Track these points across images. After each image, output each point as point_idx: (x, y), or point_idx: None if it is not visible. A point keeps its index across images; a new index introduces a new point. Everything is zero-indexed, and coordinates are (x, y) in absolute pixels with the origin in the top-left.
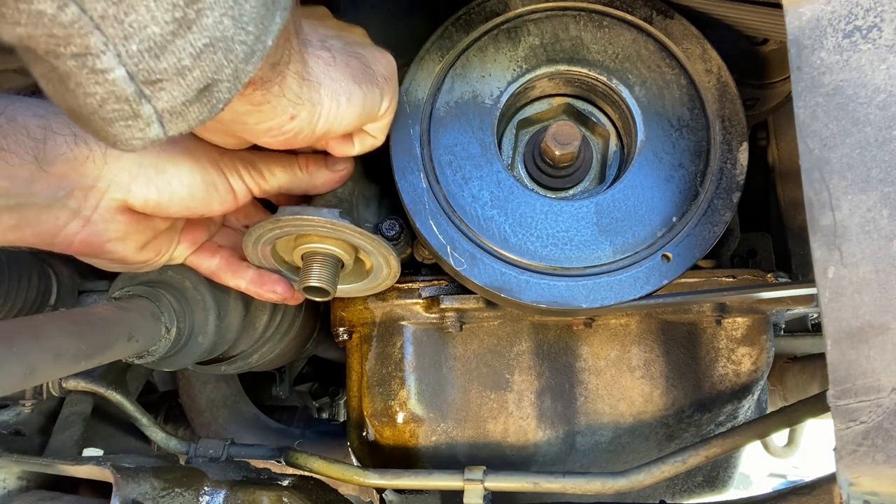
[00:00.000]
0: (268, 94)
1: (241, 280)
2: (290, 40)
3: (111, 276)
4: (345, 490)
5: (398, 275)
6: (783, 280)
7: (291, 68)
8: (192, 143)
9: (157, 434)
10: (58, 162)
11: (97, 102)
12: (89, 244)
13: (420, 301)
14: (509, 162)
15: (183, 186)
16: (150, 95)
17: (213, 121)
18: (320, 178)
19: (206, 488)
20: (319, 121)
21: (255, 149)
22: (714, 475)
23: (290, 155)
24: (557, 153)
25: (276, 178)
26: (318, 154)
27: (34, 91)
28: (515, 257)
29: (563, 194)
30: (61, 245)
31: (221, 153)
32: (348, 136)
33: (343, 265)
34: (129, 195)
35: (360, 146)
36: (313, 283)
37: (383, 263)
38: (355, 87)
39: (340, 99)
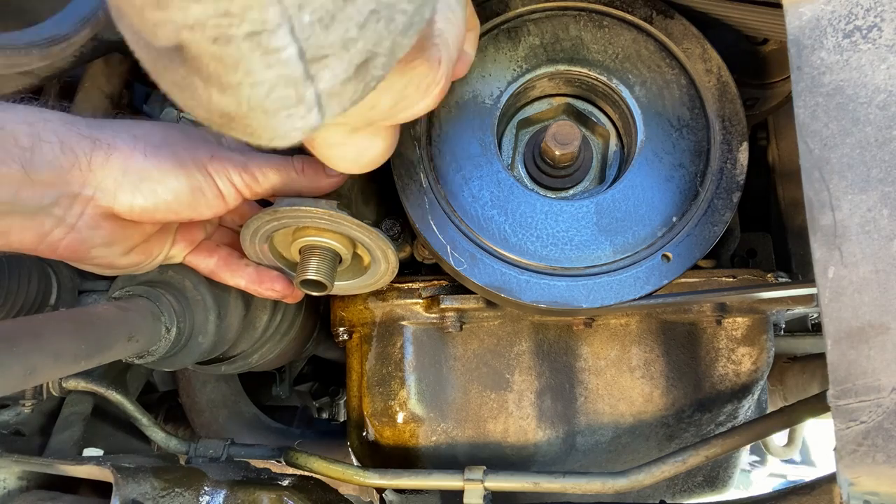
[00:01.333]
0: (423, 52)
1: (241, 278)
2: None
3: (111, 277)
4: (345, 490)
5: (396, 270)
6: (783, 280)
7: None
8: (180, 148)
9: (157, 434)
10: (45, 170)
11: (265, 92)
12: (74, 250)
13: (420, 301)
14: (509, 162)
15: (168, 192)
16: (314, 75)
17: (374, 118)
18: (316, 181)
19: (206, 488)
20: (451, 47)
21: (249, 151)
22: (714, 475)
23: (285, 157)
24: (557, 153)
25: (269, 180)
26: (314, 157)
27: (24, 98)
28: (515, 257)
29: (563, 194)
30: (46, 251)
31: (211, 156)
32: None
33: (341, 260)
34: (114, 202)
35: (473, 43)
36: (310, 276)
37: (381, 258)
38: None
39: (448, 14)
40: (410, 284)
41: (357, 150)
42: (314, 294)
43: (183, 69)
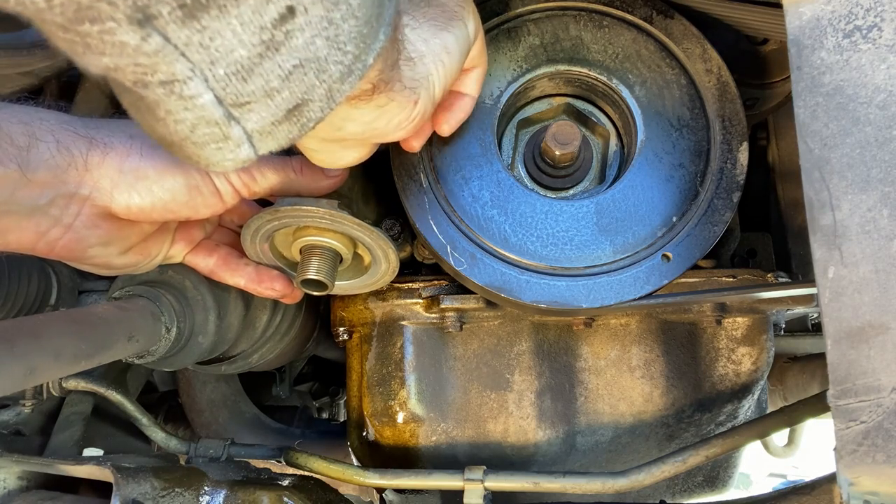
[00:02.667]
0: (391, 92)
1: (240, 278)
2: (397, 32)
3: (111, 277)
4: (345, 490)
5: (397, 270)
6: (783, 280)
7: (402, 56)
8: None
9: (157, 434)
10: (41, 169)
11: (188, 128)
12: (71, 250)
13: (420, 301)
14: (509, 162)
15: (164, 191)
16: (238, 117)
17: (344, 137)
18: (314, 182)
19: (206, 488)
20: (436, 89)
21: None
22: (714, 475)
23: (283, 157)
24: (557, 153)
25: (268, 180)
26: None
27: (20, 97)
28: (515, 257)
29: (563, 194)
30: (43, 251)
31: None
32: (464, 73)
33: (341, 259)
34: (111, 202)
35: (477, 82)
36: (311, 275)
37: (382, 257)
38: (445, 35)
39: (442, 57)
40: (410, 284)
41: (331, 156)
42: (315, 294)
43: (137, 99)
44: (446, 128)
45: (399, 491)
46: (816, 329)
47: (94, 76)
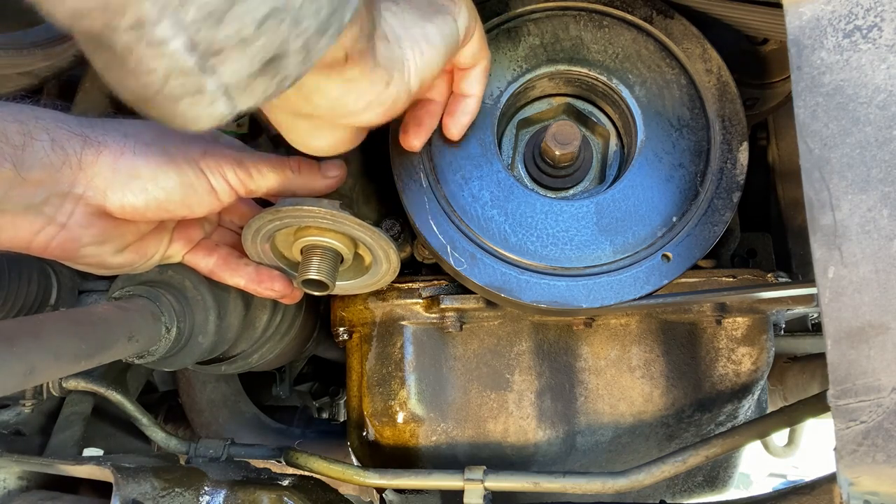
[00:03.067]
0: (364, 66)
1: (240, 277)
2: (373, 3)
3: (111, 277)
4: (345, 490)
5: (397, 271)
6: (783, 280)
7: (378, 32)
8: (171, 145)
9: (157, 434)
10: (35, 168)
11: (160, 79)
12: (65, 249)
13: (420, 301)
14: (509, 162)
15: (158, 189)
16: (212, 67)
17: (313, 114)
18: (312, 182)
19: (206, 488)
20: (411, 77)
21: (246, 149)
22: (714, 475)
23: (281, 156)
24: (557, 153)
25: (266, 179)
26: (311, 158)
27: (19, 97)
28: (515, 257)
29: (563, 194)
30: (37, 250)
31: (203, 152)
32: (463, 71)
33: (342, 259)
34: (105, 200)
35: (479, 81)
36: (312, 275)
37: (383, 258)
38: (428, 26)
39: (421, 45)
40: (410, 284)
41: (303, 137)
42: (316, 294)
43: (108, 53)
44: (455, 131)
45: (399, 491)
46: (816, 329)
47: (61, 25)
